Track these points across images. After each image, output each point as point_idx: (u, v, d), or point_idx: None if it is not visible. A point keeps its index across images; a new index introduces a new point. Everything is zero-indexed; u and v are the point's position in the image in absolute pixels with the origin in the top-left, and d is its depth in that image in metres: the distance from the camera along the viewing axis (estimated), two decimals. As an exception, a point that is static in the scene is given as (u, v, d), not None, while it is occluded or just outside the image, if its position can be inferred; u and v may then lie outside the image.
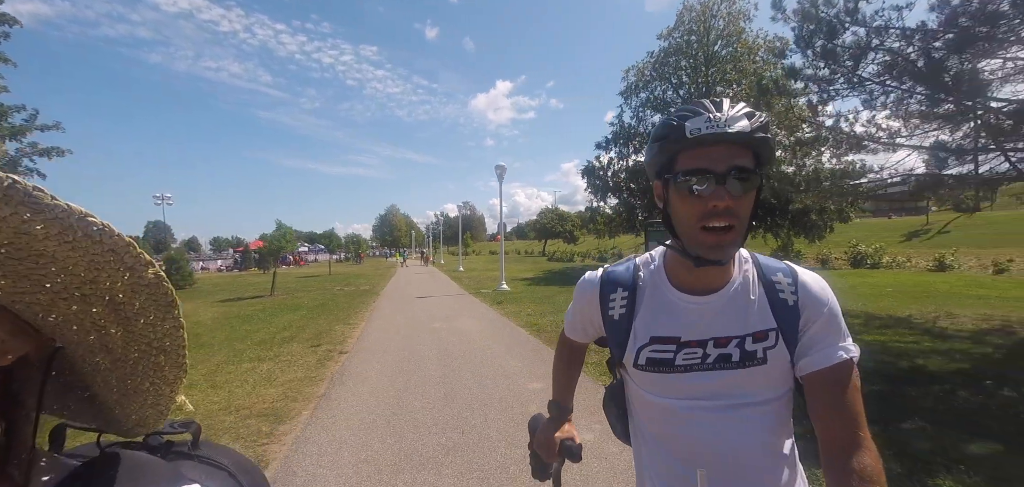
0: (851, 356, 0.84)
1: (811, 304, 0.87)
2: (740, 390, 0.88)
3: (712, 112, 0.78)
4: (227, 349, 7.56)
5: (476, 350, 6.92)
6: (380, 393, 4.97)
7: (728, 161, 0.77)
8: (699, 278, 0.89)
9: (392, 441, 3.72)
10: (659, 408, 0.93)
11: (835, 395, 0.83)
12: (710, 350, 0.88)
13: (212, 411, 4.54)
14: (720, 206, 0.77)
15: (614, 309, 0.98)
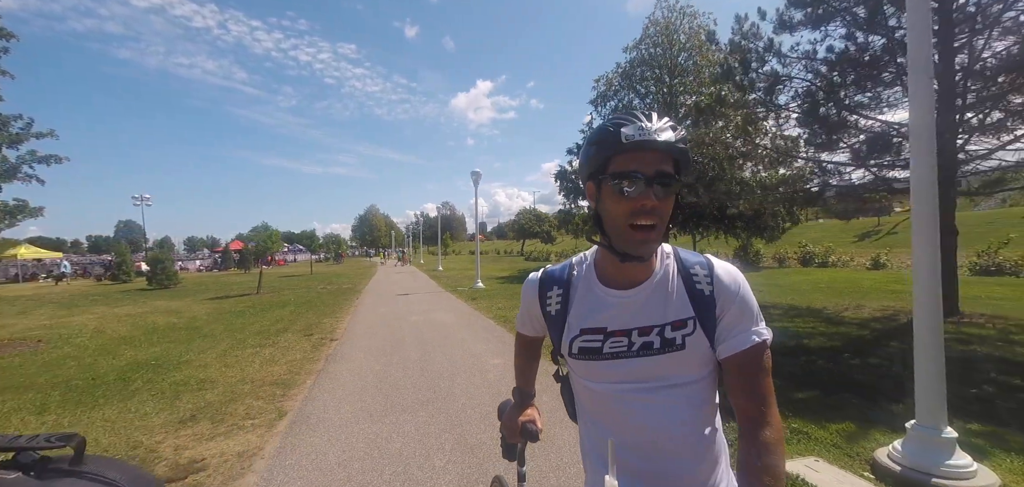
0: (764, 339, 0.94)
1: (724, 293, 0.95)
2: (662, 374, 0.95)
3: (643, 122, 0.86)
4: (229, 338, 8.55)
5: (449, 337, 8.08)
6: (368, 368, 6.10)
7: (655, 166, 0.87)
8: (624, 273, 0.98)
9: (380, 397, 4.86)
10: (591, 392, 1.02)
11: (747, 376, 0.93)
12: (635, 338, 0.96)
13: (232, 382, 5.60)
14: (647, 206, 0.86)
15: (551, 305, 1.07)
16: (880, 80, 8.03)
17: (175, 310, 13.33)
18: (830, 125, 7.52)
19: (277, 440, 3.85)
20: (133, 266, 29.17)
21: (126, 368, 6.50)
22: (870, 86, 8.05)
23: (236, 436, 3.96)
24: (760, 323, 0.95)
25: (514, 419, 1.30)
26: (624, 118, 0.88)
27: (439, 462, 3.37)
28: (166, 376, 5.95)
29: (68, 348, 8.23)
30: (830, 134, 7.67)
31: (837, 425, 3.75)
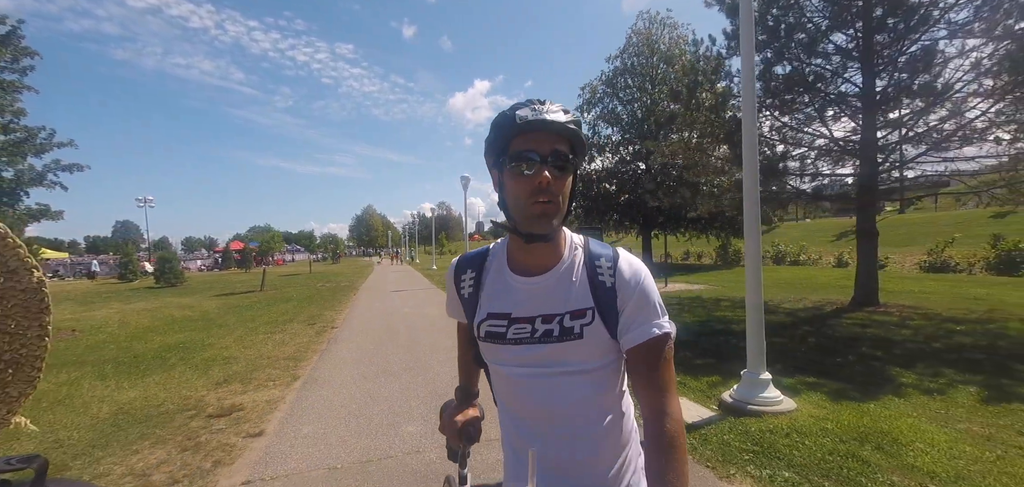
0: (665, 332, 0.96)
1: (624, 286, 0.98)
2: (560, 360, 0.98)
3: (537, 106, 0.92)
4: (242, 327, 9.76)
5: (433, 325, 9.32)
6: (365, 347, 7.34)
7: (550, 145, 0.91)
8: (532, 258, 1.01)
9: (373, 366, 6.09)
10: (498, 373, 1.07)
11: (648, 367, 0.95)
12: (538, 326, 0.99)
13: (251, 358, 6.82)
14: (544, 183, 0.90)
15: (464, 288, 1.11)
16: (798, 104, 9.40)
17: (187, 305, 14.52)
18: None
19: (294, 393, 5.09)
20: (139, 266, 30.34)
21: (159, 349, 7.71)
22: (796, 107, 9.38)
23: (262, 391, 5.20)
24: (662, 316, 0.98)
25: (452, 419, 1.24)
26: (520, 104, 0.93)
27: (415, 403, 4.61)
28: (196, 354, 7.18)
29: (102, 335, 9.44)
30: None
31: (708, 378, 5.02)
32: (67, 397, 5.21)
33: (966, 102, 8.24)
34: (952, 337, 6.80)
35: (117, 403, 4.95)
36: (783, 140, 10.31)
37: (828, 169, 11.13)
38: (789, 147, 10.34)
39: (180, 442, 3.86)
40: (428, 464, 3.32)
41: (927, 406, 4.11)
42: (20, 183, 13.79)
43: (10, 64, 13.51)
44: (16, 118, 13.69)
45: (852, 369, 5.34)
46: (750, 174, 4.22)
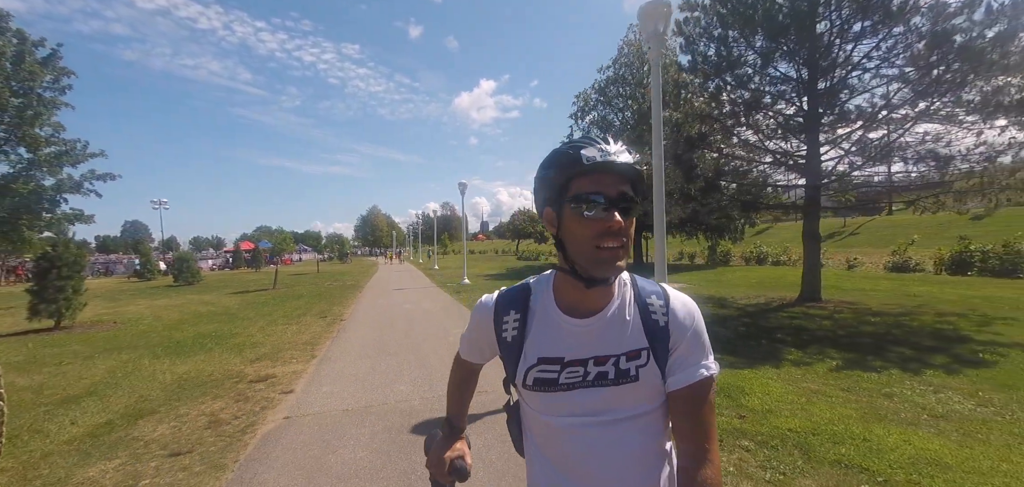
0: (711, 374, 0.95)
1: (678, 326, 0.96)
2: (616, 405, 0.95)
3: (602, 145, 0.88)
4: (262, 320, 11.17)
5: (430, 318, 10.70)
6: (369, 334, 8.72)
7: (616, 187, 0.88)
8: (584, 300, 0.97)
9: (375, 348, 7.47)
10: (544, 425, 1.00)
11: (691, 411, 0.93)
12: (590, 368, 0.95)
13: (275, 343, 8.20)
14: (615, 227, 0.87)
15: (507, 331, 1.05)
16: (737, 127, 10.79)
17: (208, 302, 15.98)
18: (688, 165, 10.47)
19: (313, 367, 6.47)
20: (156, 265, 31.94)
21: (196, 337, 9.12)
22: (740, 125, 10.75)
23: (288, 365, 6.59)
24: (709, 357, 0.96)
25: (441, 455, 1.19)
26: (583, 141, 0.90)
27: (406, 373, 5.98)
28: (227, 340, 8.58)
29: (141, 327, 10.87)
30: (690, 169, 10.52)
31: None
32: (134, 371, 6.61)
33: (887, 122, 9.55)
34: (860, 327, 8.11)
35: (176, 374, 6.35)
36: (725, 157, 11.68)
37: (783, 180, 12.45)
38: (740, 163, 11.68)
39: (233, 397, 5.25)
40: (412, 409, 4.69)
41: (790, 373, 5.45)
42: (60, 190, 15.31)
43: (51, 84, 15.02)
44: (56, 132, 15.21)
45: (757, 349, 6.67)
46: (658, 201, 5.54)
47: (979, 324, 8.01)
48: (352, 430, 4.18)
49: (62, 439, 4.19)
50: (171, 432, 4.27)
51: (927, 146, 9.01)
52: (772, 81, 10.81)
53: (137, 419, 4.62)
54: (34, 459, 3.79)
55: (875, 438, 3.61)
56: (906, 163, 9.57)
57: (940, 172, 9.12)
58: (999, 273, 14.71)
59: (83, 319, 11.46)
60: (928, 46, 8.02)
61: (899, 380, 5.10)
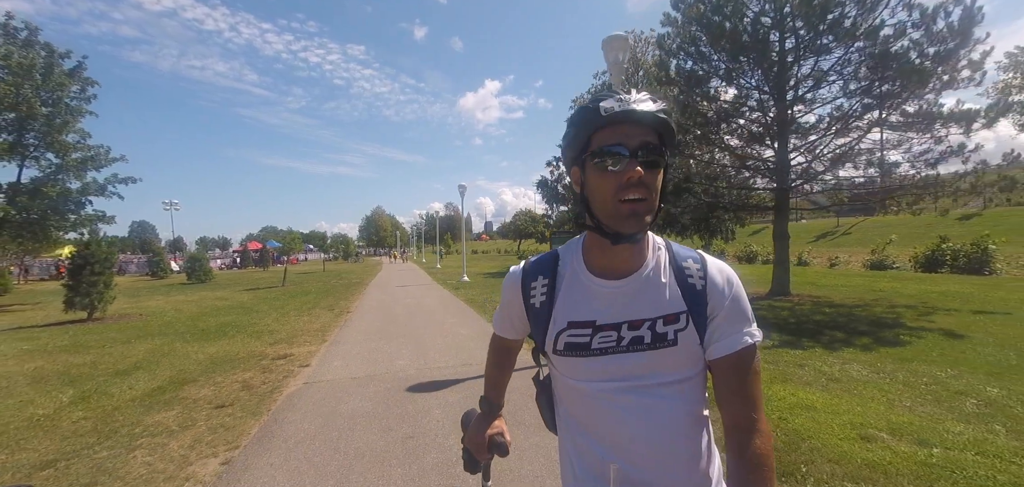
0: (755, 341, 0.93)
1: (716, 291, 0.94)
2: (652, 371, 0.93)
3: (622, 95, 0.85)
4: (275, 313, 12.19)
5: (429, 311, 11.70)
6: (372, 324, 9.73)
7: (639, 138, 0.84)
8: (615, 261, 0.94)
9: (378, 334, 8.47)
10: (577, 392, 0.98)
11: (737, 379, 0.91)
12: (624, 332, 0.93)
13: (289, 331, 9.21)
14: (635, 178, 0.83)
15: (535, 297, 1.03)
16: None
17: (222, 297, 17.04)
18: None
19: (324, 348, 7.47)
20: (168, 264, 33.13)
21: (218, 326, 10.15)
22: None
23: (303, 346, 7.60)
24: (752, 325, 0.94)
25: (481, 432, 1.22)
26: (602, 94, 0.87)
27: (404, 352, 6.97)
28: (247, 328, 9.60)
29: (165, 318, 11.91)
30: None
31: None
32: (170, 352, 7.63)
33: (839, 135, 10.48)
34: (813, 316, 9.05)
35: (207, 354, 7.37)
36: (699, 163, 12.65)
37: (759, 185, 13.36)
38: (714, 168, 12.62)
39: (259, 369, 6.25)
40: (408, 376, 5.67)
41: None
42: (85, 193, 16.41)
43: (78, 94, 16.12)
44: (82, 139, 16.31)
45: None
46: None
47: (920, 314, 8.93)
48: (358, 390, 5.18)
49: (125, 398, 5.21)
50: (212, 393, 5.28)
51: (875, 154, 9.93)
52: (742, 93, 11.75)
53: (182, 385, 5.63)
54: (108, 410, 4.80)
55: (769, 393, 4.58)
56: (857, 169, 10.49)
57: (884, 177, 10.04)
58: (967, 270, 15.56)
59: (112, 312, 12.51)
60: (870, 66, 8.95)
61: (818, 355, 6.05)
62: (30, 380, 6.11)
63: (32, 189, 15.55)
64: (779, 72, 10.79)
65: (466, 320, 10.01)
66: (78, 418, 4.59)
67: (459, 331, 8.63)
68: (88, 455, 3.72)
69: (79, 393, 5.41)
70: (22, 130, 15.50)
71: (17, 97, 14.68)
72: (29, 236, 16.80)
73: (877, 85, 9.03)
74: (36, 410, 4.87)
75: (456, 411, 4.37)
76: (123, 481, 3.28)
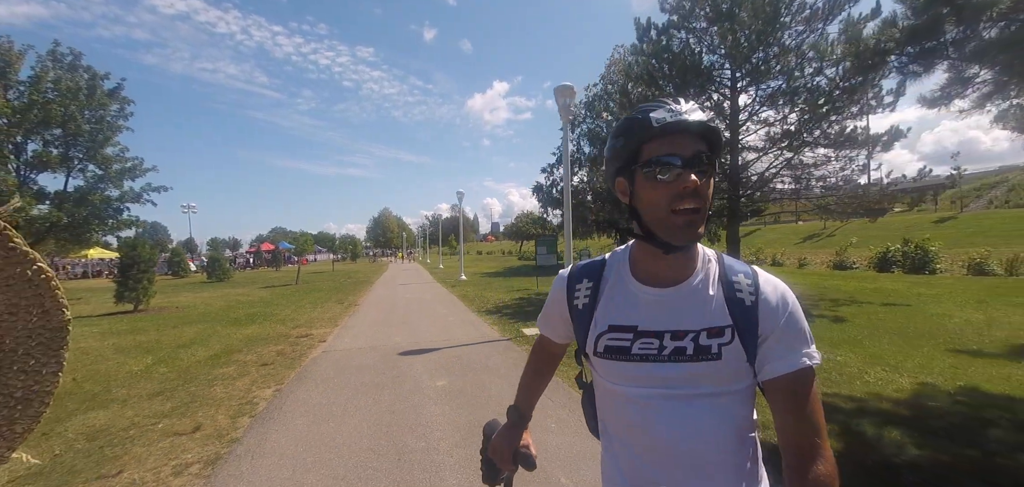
0: (813, 363, 0.88)
1: (769, 309, 0.90)
2: (693, 382, 0.91)
3: (672, 105, 0.86)
4: (292, 306, 14.09)
5: (425, 304, 13.57)
6: (376, 315, 11.60)
7: (692, 148, 0.85)
8: (663, 269, 0.94)
9: (380, 322, 10.33)
10: (616, 395, 0.98)
11: (795, 402, 0.87)
12: (667, 342, 0.92)
13: (306, 319, 11.09)
14: (689, 187, 0.83)
15: (579, 299, 1.05)
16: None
17: (243, 294, 19.00)
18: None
19: (337, 330, 9.34)
20: (187, 264, 35.33)
21: (246, 316, 12.06)
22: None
23: (319, 329, 9.47)
24: (810, 346, 0.90)
25: (508, 442, 1.20)
26: (650, 105, 0.88)
27: (401, 333, 8.82)
28: (271, 317, 11.50)
29: (199, 310, 13.84)
30: None
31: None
32: (213, 334, 9.52)
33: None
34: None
35: (243, 334, 9.25)
36: None
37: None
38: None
39: (287, 344, 8.12)
40: (400, 347, 7.49)
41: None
42: (123, 200, 18.43)
43: (117, 113, 18.16)
44: (122, 152, 18.35)
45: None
46: (568, 201, 8.30)
47: (835, 304, 10.64)
48: (363, 355, 7.03)
49: (193, 360, 7.09)
50: (256, 357, 7.15)
51: (796, 172, 11.67)
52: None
53: (231, 353, 7.51)
54: (184, 367, 6.68)
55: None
56: (784, 183, 12.22)
57: (802, 187, 11.78)
58: (912, 269, 17.18)
59: (153, 305, 14.48)
60: (787, 96, 10.71)
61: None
62: (114, 351, 8.03)
63: (78, 197, 17.57)
64: (731, 96, 12.55)
65: (455, 310, 11.85)
66: (164, 372, 6.47)
67: (448, 318, 10.46)
68: (183, 389, 5.59)
69: (157, 358, 7.31)
70: (69, 145, 17.55)
71: (65, 115, 16.72)
72: (73, 239, 18.84)
73: (798, 112, 10.78)
74: (132, 368, 6.76)
75: (433, 368, 6.20)
76: (213, 400, 5.14)
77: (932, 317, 8.83)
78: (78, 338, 9.31)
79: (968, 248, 18.93)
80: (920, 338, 7.14)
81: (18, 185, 15.99)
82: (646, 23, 13.64)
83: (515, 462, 1.18)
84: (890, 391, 4.80)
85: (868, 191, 11.40)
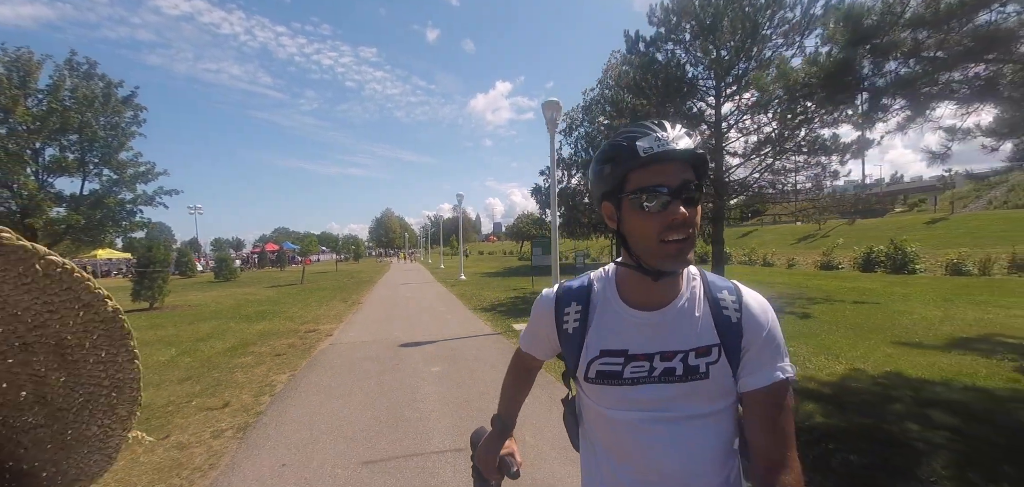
0: (787, 377, 0.91)
1: (753, 324, 0.93)
2: (683, 403, 0.93)
3: (659, 132, 0.84)
4: (299, 304, 14.85)
5: (425, 301, 14.32)
6: (379, 312, 12.36)
7: (679, 176, 0.84)
8: (651, 293, 0.95)
9: (382, 318, 11.08)
10: (606, 419, 0.99)
11: (769, 414, 0.90)
12: (656, 364, 0.93)
13: (313, 315, 11.83)
14: (679, 219, 0.83)
15: (568, 323, 1.04)
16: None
17: (251, 293, 19.78)
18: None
19: (342, 325, 10.09)
20: (194, 264, 36.17)
21: (256, 313, 12.82)
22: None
23: (326, 325, 10.22)
24: (785, 359, 0.93)
25: (492, 450, 1.22)
26: (636, 130, 0.87)
27: (400, 327, 9.56)
28: (280, 314, 12.26)
29: (211, 308, 14.61)
30: None
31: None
32: (227, 329, 10.28)
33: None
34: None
35: (256, 329, 10.01)
36: None
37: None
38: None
39: (297, 337, 8.87)
40: (399, 340, 8.23)
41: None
42: (136, 203, 19.22)
43: (131, 119, 18.95)
44: (136, 157, 19.15)
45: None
46: (554, 225, 9.03)
47: (809, 302, 11.35)
48: (367, 346, 7.78)
49: (212, 352, 7.84)
50: (269, 349, 7.90)
51: (769, 176, 12.39)
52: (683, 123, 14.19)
53: (247, 345, 8.26)
54: (205, 357, 7.43)
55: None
56: (763, 188, 12.93)
57: (778, 192, 12.50)
58: (894, 269, 17.85)
59: (167, 303, 15.26)
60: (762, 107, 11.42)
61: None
62: (139, 344, 8.72)
63: (94, 200, 18.35)
64: (716, 105, 13.26)
65: (452, 308, 12.60)
66: (188, 362, 7.23)
67: (445, 315, 11.20)
68: (207, 375, 6.35)
69: (180, 350, 8.07)
70: (85, 150, 18.34)
71: (81, 122, 17.50)
72: (88, 240, 19.66)
73: (773, 123, 11.51)
74: (158, 359, 7.52)
75: (429, 357, 6.95)
76: (236, 383, 5.89)
77: (894, 314, 9.54)
78: (104, 332, 10.10)
79: (957, 249, 19.59)
80: (873, 332, 7.86)
81: (38, 188, 16.80)
82: (635, 35, 14.39)
83: (499, 470, 1.21)
84: (824, 375, 5.53)
85: (844, 196, 12.08)
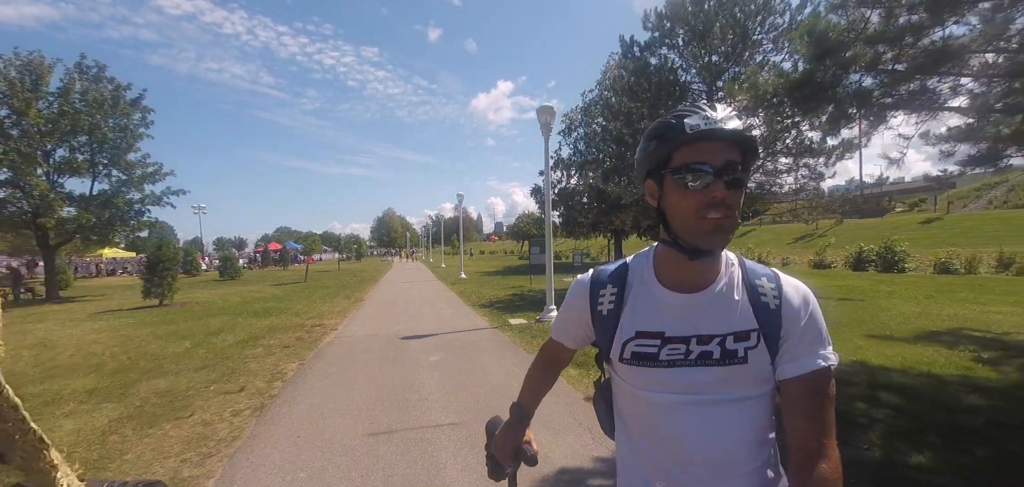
0: (829, 364, 0.90)
1: (791, 311, 0.92)
2: (719, 387, 0.93)
3: (708, 112, 0.85)
4: (304, 301, 15.30)
5: (426, 299, 14.77)
6: (381, 308, 12.81)
7: (723, 156, 0.84)
8: (688, 274, 0.94)
9: (384, 312, 11.53)
10: (641, 401, 0.99)
11: (809, 402, 0.89)
12: (693, 347, 0.93)
13: (318, 311, 12.28)
14: (718, 197, 0.83)
15: (602, 305, 1.04)
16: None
17: (256, 290, 20.23)
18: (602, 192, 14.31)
19: (346, 320, 10.54)
20: (198, 263, 36.69)
21: (263, 309, 13.27)
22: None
23: (331, 320, 10.67)
24: (827, 347, 0.92)
25: (510, 439, 1.23)
26: (686, 109, 0.87)
27: (401, 321, 10.00)
28: (286, 311, 12.72)
29: (218, 305, 15.06)
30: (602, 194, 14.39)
31: (534, 313, 10.31)
32: (236, 324, 10.73)
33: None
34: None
35: (263, 324, 10.46)
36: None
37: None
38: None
39: (303, 332, 9.31)
40: (401, 333, 8.67)
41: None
42: (144, 203, 19.71)
43: (140, 121, 19.43)
44: (144, 157, 19.64)
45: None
46: (548, 225, 9.47)
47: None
48: (370, 339, 8.23)
49: (225, 344, 8.29)
50: (278, 342, 8.35)
51: (760, 177, 12.82)
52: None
53: (257, 339, 8.71)
54: (218, 349, 7.88)
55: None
56: (752, 190, 13.37)
57: (767, 192, 12.94)
58: (884, 268, 18.26)
59: (176, 300, 15.73)
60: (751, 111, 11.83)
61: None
62: (154, 337, 9.25)
63: (104, 200, 18.83)
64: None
65: (452, 304, 13.05)
66: (202, 354, 7.67)
67: (445, 311, 11.64)
68: (222, 365, 6.80)
69: (194, 343, 8.52)
70: (94, 151, 18.81)
71: (91, 124, 17.97)
72: (97, 239, 20.16)
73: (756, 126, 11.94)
74: (174, 350, 7.97)
75: (429, 348, 7.39)
76: (249, 371, 6.34)
77: (876, 310, 9.96)
78: (119, 328, 10.58)
79: (948, 248, 19.98)
80: (850, 326, 8.28)
81: (49, 188, 17.27)
82: (630, 40, 14.83)
83: (517, 458, 1.21)
84: (794, 364, 5.95)
85: (839, 196, 12.50)
